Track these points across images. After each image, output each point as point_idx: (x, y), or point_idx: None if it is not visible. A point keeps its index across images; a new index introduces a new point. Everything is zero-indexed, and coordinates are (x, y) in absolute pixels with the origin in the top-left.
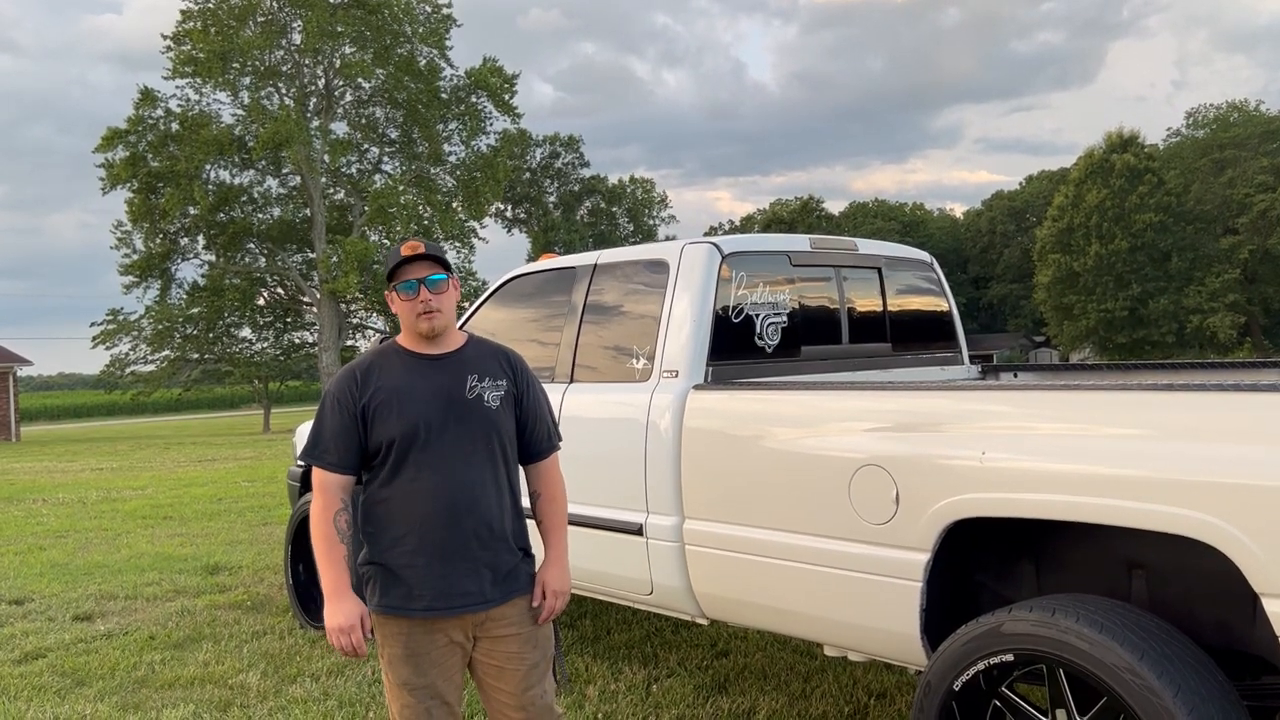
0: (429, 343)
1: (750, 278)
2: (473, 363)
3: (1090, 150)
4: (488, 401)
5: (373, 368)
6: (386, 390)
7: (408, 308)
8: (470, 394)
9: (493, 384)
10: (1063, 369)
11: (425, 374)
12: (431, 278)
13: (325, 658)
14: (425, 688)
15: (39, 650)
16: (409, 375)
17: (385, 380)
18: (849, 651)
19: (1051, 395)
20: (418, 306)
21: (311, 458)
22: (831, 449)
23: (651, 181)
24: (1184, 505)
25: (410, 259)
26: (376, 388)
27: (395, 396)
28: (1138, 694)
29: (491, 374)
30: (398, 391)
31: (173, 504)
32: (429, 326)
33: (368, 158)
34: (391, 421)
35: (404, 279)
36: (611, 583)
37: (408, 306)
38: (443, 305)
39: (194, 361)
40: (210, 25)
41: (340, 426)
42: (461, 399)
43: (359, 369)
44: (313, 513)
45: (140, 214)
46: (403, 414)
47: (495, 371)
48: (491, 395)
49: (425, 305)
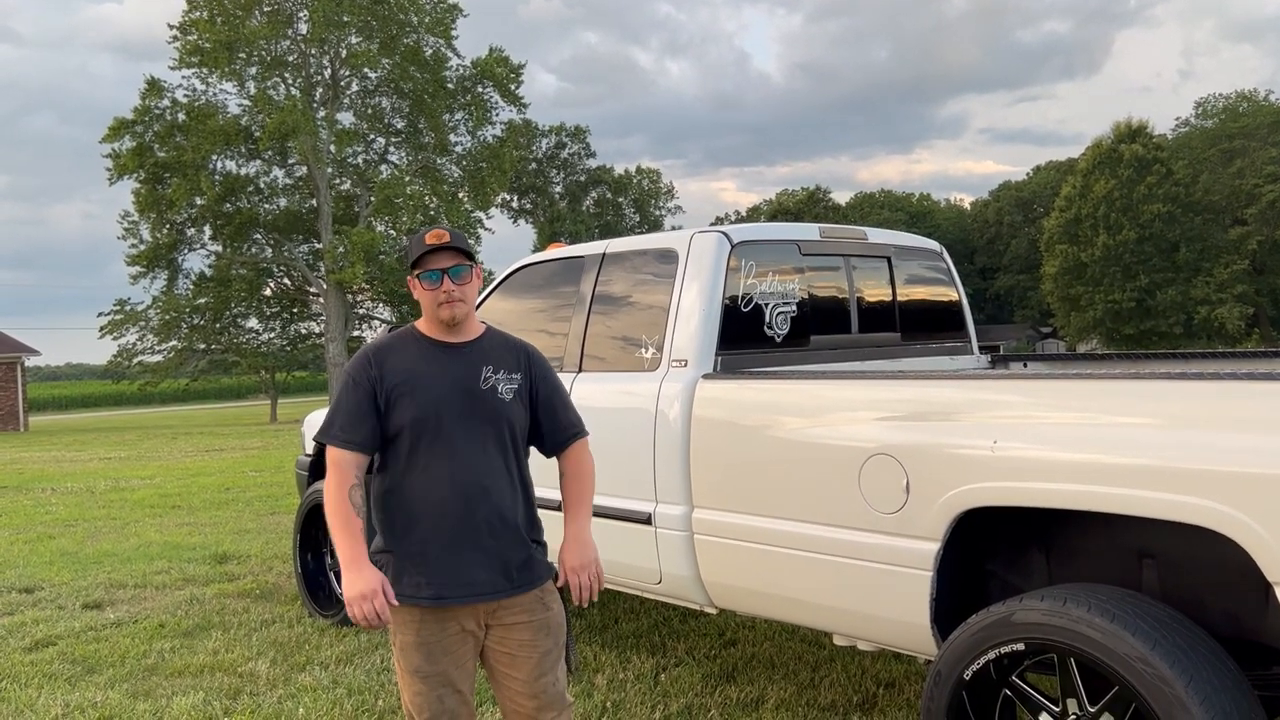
0: (448, 330)
1: (759, 267)
2: (489, 354)
3: (1098, 140)
4: (501, 394)
5: (390, 349)
6: (403, 374)
7: (430, 296)
8: (484, 385)
9: (507, 377)
10: (1072, 359)
11: (441, 362)
12: (455, 268)
13: (334, 646)
14: (437, 675)
15: (49, 638)
16: (425, 362)
17: (402, 364)
18: (858, 641)
19: (1062, 384)
20: (440, 296)
21: (327, 436)
22: (841, 438)
23: (658, 172)
24: (1196, 494)
25: (436, 249)
26: (393, 370)
27: (411, 381)
28: (1149, 684)
29: (507, 367)
30: (414, 376)
31: (181, 493)
32: (450, 315)
33: (374, 148)
34: (407, 406)
35: (428, 268)
36: (620, 572)
37: (430, 295)
38: (465, 295)
39: (201, 352)
40: (216, 15)
41: (355, 404)
42: (475, 389)
43: (375, 350)
44: (327, 490)
45: (147, 204)
46: (417, 400)
47: (510, 365)
48: (505, 388)
49: (448, 295)
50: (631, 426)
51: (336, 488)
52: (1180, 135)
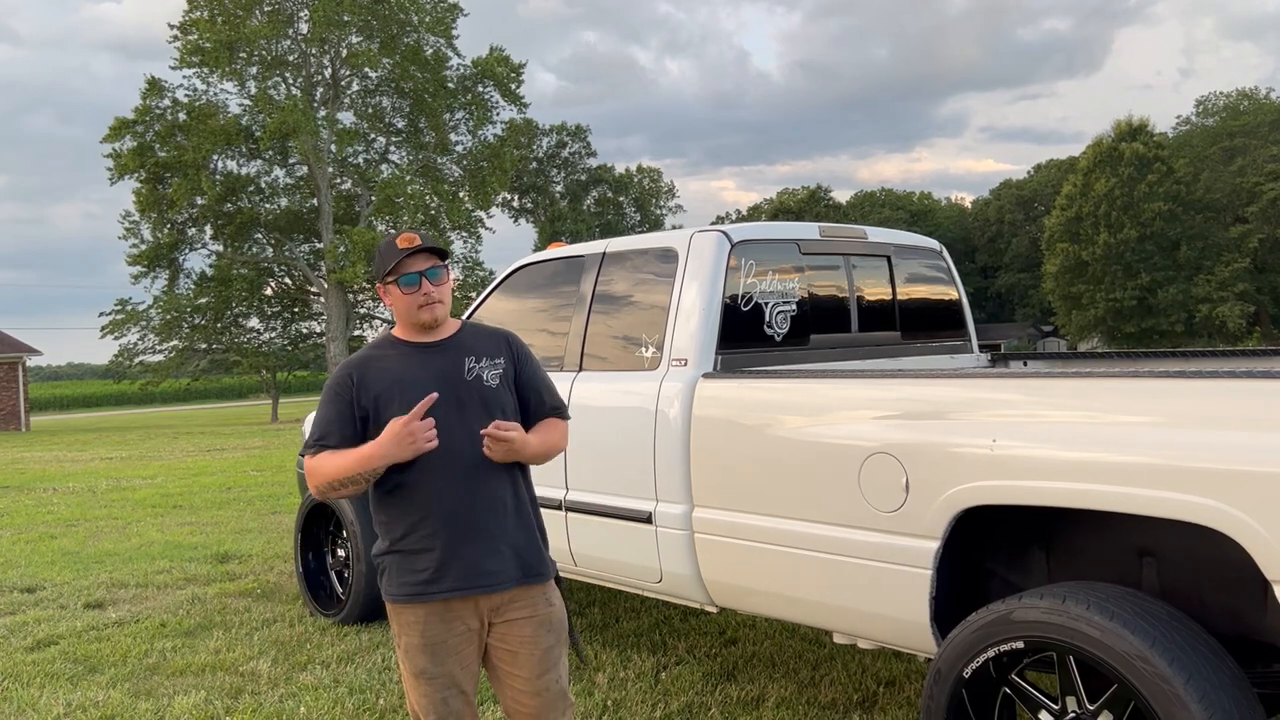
0: (426, 332)
1: (759, 266)
2: (468, 346)
3: (1099, 139)
4: (487, 381)
5: (368, 361)
6: (386, 381)
7: (408, 300)
8: (469, 375)
9: (490, 363)
10: (1072, 357)
11: (424, 361)
12: (432, 270)
13: (336, 645)
14: (442, 677)
15: (51, 638)
16: (408, 365)
17: (383, 372)
18: (858, 639)
19: (1062, 383)
20: (419, 299)
21: (307, 449)
22: (841, 437)
23: (659, 171)
24: (1195, 492)
25: (410, 252)
26: (375, 380)
27: (397, 386)
28: (1149, 681)
29: (489, 354)
30: (399, 381)
31: (182, 493)
32: (431, 317)
33: (375, 147)
34: (395, 410)
35: (405, 272)
36: (620, 570)
37: (408, 299)
38: (443, 296)
39: (202, 351)
40: (217, 15)
41: (336, 414)
42: (461, 381)
43: (353, 364)
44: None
45: (148, 204)
46: (405, 402)
47: (492, 351)
48: (490, 375)
49: (427, 298)
50: (632, 426)
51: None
52: (1181, 133)
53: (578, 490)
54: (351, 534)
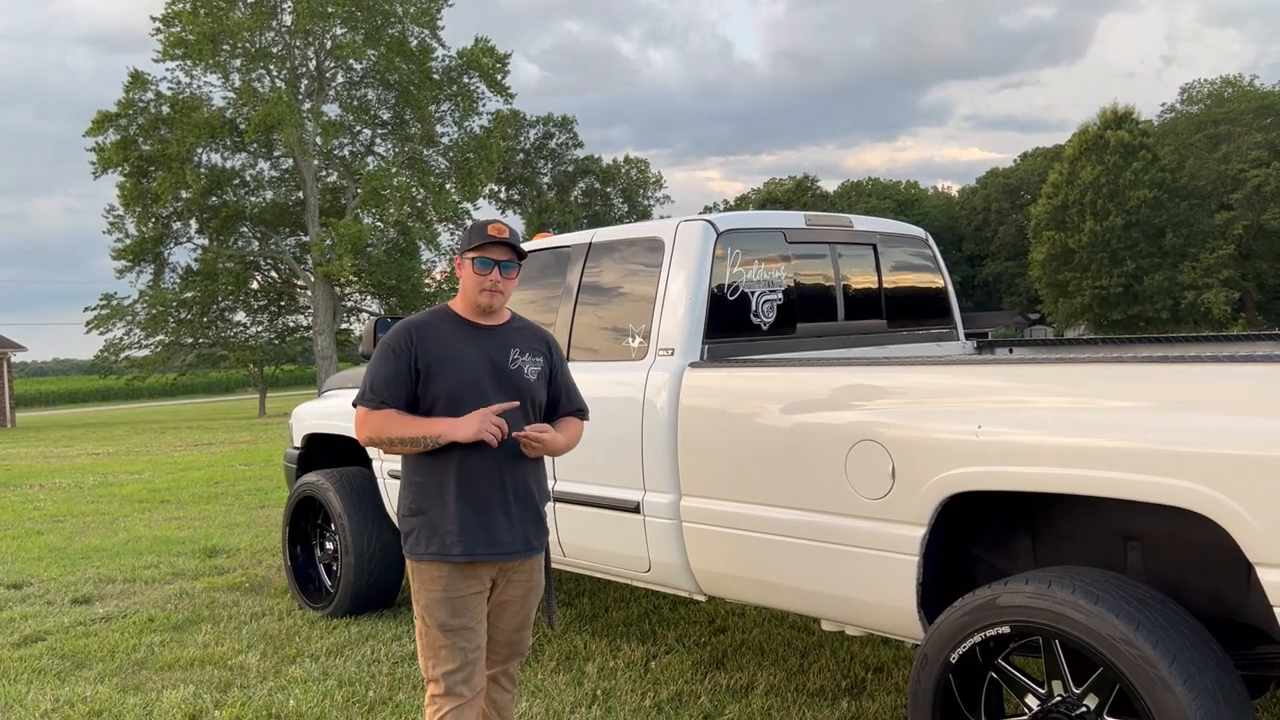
0: (482, 314)
1: (745, 255)
2: (517, 338)
3: (1084, 127)
4: (527, 374)
5: (427, 325)
6: (441, 349)
7: (476, 281)
8: (512, 365)
9: (532, 359)
10: (1058, 344)
11: (475, 340)
12: (507, 264)
13: (324, 638)
14: (461, 629)
15: (38, 633)
16: (460, 339)
17: (439, 339)
18: (846, 626)
19: (1047, 369)
20: (485, 283)
21: (364, 400)
22: (827, 425)
23: (646, 162)
24: (1179, 476)
25: (496, 241)
26: (432, 344)
27: (448, 356)
28: (1133, 664)
29: (532, 350)
30: (451, 351)
31: (170, 488)
32: (489, 303)
33: (360, 140)
34: (443, 378)
35: (485, 255)
36: (609, 560)
37: (476, 280)
38: (506, 290)
39: (188, 346)
40: (200, 7)
41: (393, 372)
42: (505, 368)
43: (414, 325)
44: (376, 434)
45: (132, 198)
46: (453, 373)
47: (536, 349)
48: (530, 369)
49: (493, 285)
50: (619, 416)
51: (378, 424)
52: (1166, 121)
53: (566, 480)
54: (340, 527)
